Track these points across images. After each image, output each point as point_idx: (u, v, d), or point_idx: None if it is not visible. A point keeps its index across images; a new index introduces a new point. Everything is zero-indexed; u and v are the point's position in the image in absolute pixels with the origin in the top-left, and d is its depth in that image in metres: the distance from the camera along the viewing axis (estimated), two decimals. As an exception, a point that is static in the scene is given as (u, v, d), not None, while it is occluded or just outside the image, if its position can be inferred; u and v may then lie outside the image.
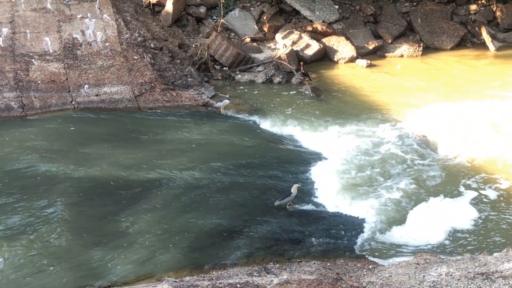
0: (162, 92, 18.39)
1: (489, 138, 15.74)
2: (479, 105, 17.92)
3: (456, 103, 18.25)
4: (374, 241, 11.88)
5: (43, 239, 11.44)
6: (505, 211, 12.83)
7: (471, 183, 13.87)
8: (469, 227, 12.25)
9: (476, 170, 14.53)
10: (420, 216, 12.53)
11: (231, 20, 23.00)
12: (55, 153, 14.73)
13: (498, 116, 16.86)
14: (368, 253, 11.47)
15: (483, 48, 23.74)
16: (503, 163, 14.66)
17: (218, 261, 10.95)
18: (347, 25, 23.64)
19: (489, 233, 12.05)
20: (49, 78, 18.07)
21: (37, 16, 19.52)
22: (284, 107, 18.39)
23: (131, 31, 20.01)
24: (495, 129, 16.18)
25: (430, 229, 12.12)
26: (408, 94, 19.31)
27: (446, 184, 13.85)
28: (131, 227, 11.87)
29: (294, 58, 21.42)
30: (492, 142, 15.54)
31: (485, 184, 13.85)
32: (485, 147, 15.28)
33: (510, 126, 16.23)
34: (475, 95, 18.92)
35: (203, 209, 12.63)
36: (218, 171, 14.20)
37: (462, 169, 14.56)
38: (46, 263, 10.79)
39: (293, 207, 13.04)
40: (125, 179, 13.65)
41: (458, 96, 18.91)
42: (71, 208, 12.41)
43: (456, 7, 24.99)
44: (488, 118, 16.77)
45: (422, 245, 11.74)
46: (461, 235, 12.03)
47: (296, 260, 11.00)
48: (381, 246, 11.73)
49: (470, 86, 19.91)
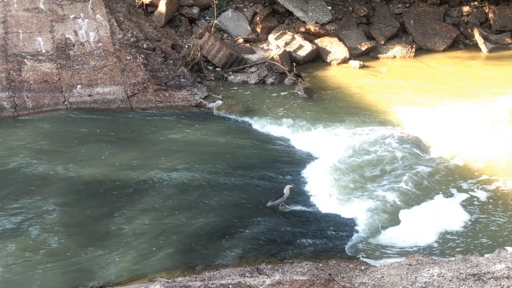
0: (154, 92, 18.39)
1: (482, 139, 15.80)
2: (472, 106, 17.98)
3: (449, 104, 18.31)
4: (366, 242, 11.92)
5: (35, 240, 11.44)
6: (496, 212, 12.90)
7: (463, 185, 13.93)
8: (460, 229, 12.30)
9: (468, 171, 14.59)
10: (412, 217, 12.58)
11: (224, 21, 23.01)
12: (47, 154, 14.71)
13: (490, 118, 16.92)
14: (361, 254, 11.51)
15: (475, 50, 23.79)
16: (496, 164, 14.73)
17: (211, 262, 10.98)
18: (340, 26, 23.66)
19: (481, 234, 12.11)
20: (41, 78, 18.04)
21: (30, 16, 19.50)
22: (277, 108, 18.42)
23: (124, 31, 20.01)
24: (488, 130, 16.25)
25: (422, 230, 12.17)
26: (400, 96, 19.34)
27: (438, 185, 13.90)
28: (123, 227, 11.88)
29: (287, 59, 21.44)
30: (485, 143, 15.59)
31: (477, 185, 13.90)
32: (477, 149, 15.33)
33: (502, 128, 16.30)
34: (468, 96, 18.97)
35: (195, 210, 12.65)
36: (211, 172, 14.22)
37: (454, 170, 14.61)
38: (37, 264, 10.79)
39: (285, 208, 13.07)
40: (117, 180, 13.65)
41: (451, 97, 18.95)
42: (63, 209, 12.41)
43: (448, 9, 25.05)
44: (481, 120, 16.83)
45: (414, 246, 11.79)
46: (453, 236, 12.08)
47: (288, 261, 11.02)
48: (373, 247, 11.77)
49: (463, 88, 19.96)
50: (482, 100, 18.55)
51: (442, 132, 16.32)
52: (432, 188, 13.78)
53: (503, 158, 14.90)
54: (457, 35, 24.04)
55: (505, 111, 17.25)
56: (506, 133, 15.97)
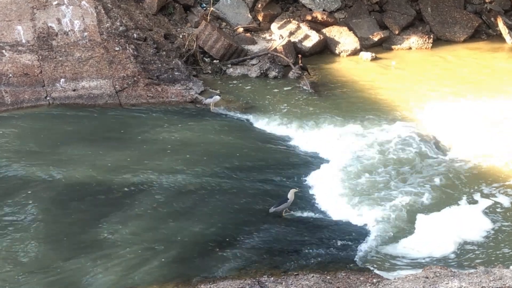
0: (146, 87, 18.42)
1: (506, 139, 15.81)
2: (495, 102, 18.01)
3: (469, 100, 18.34)
4: (378, 253, 11.93)
5: (15, 249, 11.44)
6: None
7: (485, 189, 13.94)
8: (482, 238, 12.29)
9: (491, 174, 14.60)
10: (428, 225, 12.58)
11: (223, 8, 23.04)
12: (28, 154, 14.72)
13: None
14: (372, 265, 11.51)
15: (499, 41, 23.81)
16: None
17: (207, 274, 10.99)
18: (350, 14, 23.69)
19: (504, 244, 12.10)
20: (21, 71, 18.06)
21: (8, 3, 19.48)
22: (280, 104, 18.45)
23: (112, 19, 20.02)
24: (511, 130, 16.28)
25: (440, 240, 12.17)
26: (416, 91, 19.38)
27: (458, 190, 13.91)
28: (112, 235, 11.90)
29: (291, 50, 21.47)
30: (510, 144, 15.60)
31: (500, 190, 13.91)
32: (501, 150, 15.35)
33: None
34: (490, 92, 18.99)
35: (191, 216, 12.67)
36: (208, 175, 14.24)
37: (475, 173, 14.63)
38: (18, 275, 10.79)
39: (289, 214, 13.09)
40: (105, 183, 13.67)
41: (472, 93, 18.98)
42: (46, 214, 12.44)
43: (470, -5, 25.10)
44: (504, 118, 16.85)
45: (431, 257, 11.80)
46: (474, 246, 12.08)
47: (292, 273, 11.04)
48: (386, 258, 11.78)
49: (485, 82, 20.00)
50: (506, 96, 18.56)
51: (463, 131, 16.34)
52: (450, 193, 13.80)
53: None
54: (479, 24, 24.05)
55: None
56: (534, 132, 16.02)
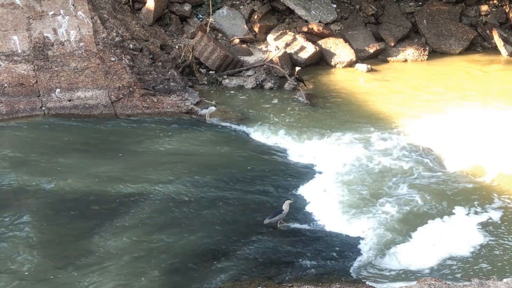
0: (141, 97, 18.41)
1: (501, 151, 15.82)
2: (489, 115, 18.03)
3: (464, 112, 18.36)
4: (372, 264, 11.92)
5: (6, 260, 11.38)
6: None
7: (479, 202, 13.93)
8: (476, 250, 12.28)
9: (486, 187, 14.61)
10: (423, 236, 12.60)
11: (219, 19, 23.07)
12: (22, 164, 14.69)
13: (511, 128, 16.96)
14: (366, 277, 11.51)
15: (494, 53, 23.89)
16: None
17: (201, 285, 10.97)
18: (346, 26, 23.74)
19: (499, 256, 12.10)
20: (17, 81, 18.04)
21: (4, 13, 19.50)
22: (276, 115, 18.44)
23: (108, 30, 20.04)
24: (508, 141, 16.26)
25: (434, 251, 12.18)
26: (411, 103, 19.40)
27: (452, 202, 13.90)
28: (105, 246, 11.85)
29: (287, 61, 21.51)
30: (504, 156, 15.60)
31: (495, 203, 13.91)
32: (496, 162, 15.36)
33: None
34: (485, 104, 19.04)
35: (184, 227, 12.63)
36: (202, 185, 14.22)
37: (469, 185, 14.63)
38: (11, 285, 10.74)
39: (284, 225, 13.07)
40: (99, 193, 13.63)
41: (467, 105, 19.03)
42: (39, 225, 12.39)
43: (465, 8, 25.15)
44: (500, 130, 16.87)
45: (425, 269, 11.79)
46: (468, 259, 12.08)
47: (287, 284, 11.03)
48: (380, 270, 11.78)
49: (481, 94, 20.03)
50: (501, 109, 18.59)
51: (457, 143, 16.34)
52: (445, 205, 13.79)
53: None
54: (474, 37, 24.14)
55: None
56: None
